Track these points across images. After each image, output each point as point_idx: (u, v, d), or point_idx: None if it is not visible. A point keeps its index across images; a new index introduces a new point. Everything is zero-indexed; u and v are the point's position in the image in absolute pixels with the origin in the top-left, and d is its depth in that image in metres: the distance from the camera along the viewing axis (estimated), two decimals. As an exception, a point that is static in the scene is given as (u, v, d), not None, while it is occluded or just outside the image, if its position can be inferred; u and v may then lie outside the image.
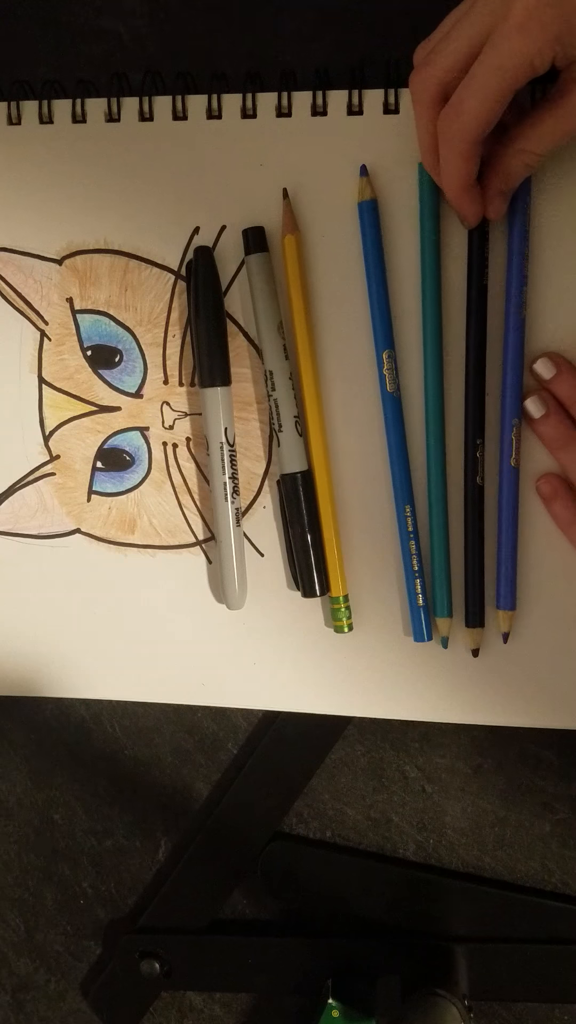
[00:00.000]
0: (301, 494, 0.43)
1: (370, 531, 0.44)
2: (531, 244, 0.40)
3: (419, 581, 0.42)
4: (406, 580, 0.43)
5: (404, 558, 0.42)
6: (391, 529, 0.43)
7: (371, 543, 0.44)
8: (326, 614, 0.45)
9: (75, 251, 0.44)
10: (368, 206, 0.41)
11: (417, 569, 0.42)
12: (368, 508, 0.44)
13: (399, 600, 0.44)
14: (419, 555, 0.42)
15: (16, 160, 0.44)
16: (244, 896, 0.49)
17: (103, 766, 0.50)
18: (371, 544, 0.44)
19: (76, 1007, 0.52)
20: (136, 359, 0.45)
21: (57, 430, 0.46)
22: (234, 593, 0.44)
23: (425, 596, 0.43)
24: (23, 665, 0.48)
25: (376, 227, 0.41)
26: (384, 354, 0.41)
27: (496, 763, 0.46)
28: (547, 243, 0.40)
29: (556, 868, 0.46)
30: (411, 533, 0.42)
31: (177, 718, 0.48)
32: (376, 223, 0.41)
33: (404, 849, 0.47)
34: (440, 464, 0.42)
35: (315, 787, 0.48)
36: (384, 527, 0.43)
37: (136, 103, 0.43)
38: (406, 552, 0.42)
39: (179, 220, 0.43)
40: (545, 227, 0.40)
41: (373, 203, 0.41)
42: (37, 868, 0.52)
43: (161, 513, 0.46)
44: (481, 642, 0.43)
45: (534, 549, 0.42)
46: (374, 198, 0.41)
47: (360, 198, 0.41)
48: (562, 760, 0.45)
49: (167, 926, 0.50)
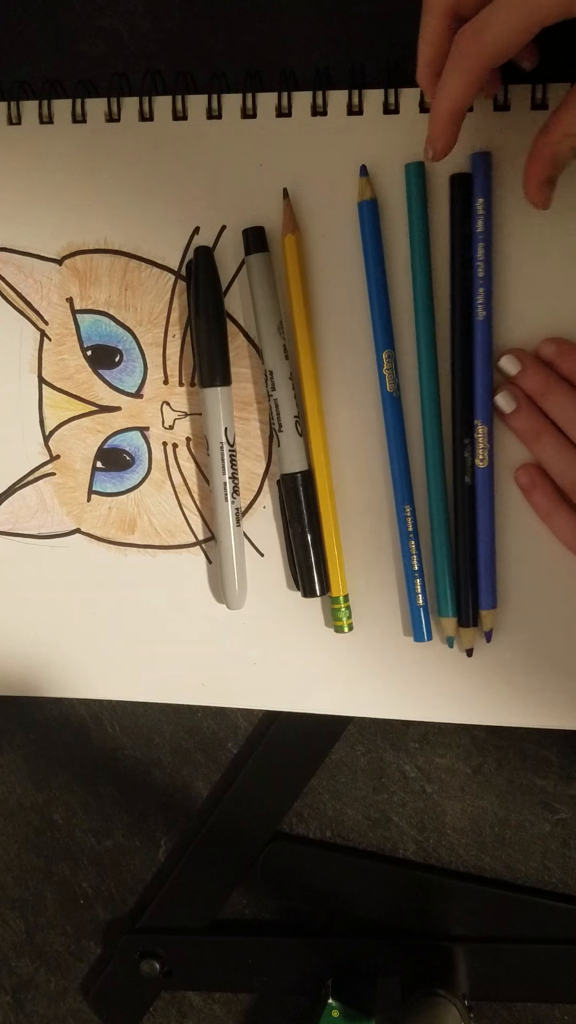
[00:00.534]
0: (301, 494, 0.43)
1: (370, 531, 0.44)
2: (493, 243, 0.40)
3: (419, 581, 0.42)
4: (406, 580, 0.43)
5: (404, 558, 0.43)
6: (391, 529, 0.43)
7: (371, 543, 0.44)
8: (326, 614, 0.45)
9: (75, 251, 0.44)
10: (368, 206, 0.41)
11: (417, 569, 0.42)
12: (368, 508, 0.44)
13: (399, 600, 0.44)
14: (419, 555, 0.42)
15: (16, 160, 0.44)
16: (244, 896, 0.49)
17: (103, 766, 0.50)
18: (371, 544, 0.44)
19: (76, 1007, 0.52)
20: (136, 359, 0.45)
21: (57, 430, 0.46)
22: (234, 593, 0.44)
23: (426, 596, 0.43)
24: (23, 665, 0.48)
25: (376, 227, 0.41)
26: (384, 354, 0.41)
27: (496, 763, 0.46)
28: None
29: (556, 868, 0.46)
30: (411, 533, 0.42)
31: (177, 718, 0.48)
32: (376, 223, 0.41)
33: (404, 849, 0.47)
34: (438, 463, 0.42)
35: (315, 787, 0.48)
36: (384, 527, 0.43)
37: (136, 103, 0.43)
38: (406, 552, 0.42)
39: (179, 220, 0.43)
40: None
41: (373, 203, 0.41)
42: (37, 868, 0.52)
43: (161, 513, 0.46)
44: (474, 641, 0.43)
45: (518, 548, 0.42)
46: (374, 198, 0.41)
47: (360, 198, 0.41)
48: (562, 760, 0.45)
49: (167, 926, 0.50)
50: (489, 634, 0.43)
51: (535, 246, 0.41)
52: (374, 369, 0.42)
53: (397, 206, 0.41)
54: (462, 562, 0.42)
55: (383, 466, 0.43)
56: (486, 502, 0.41)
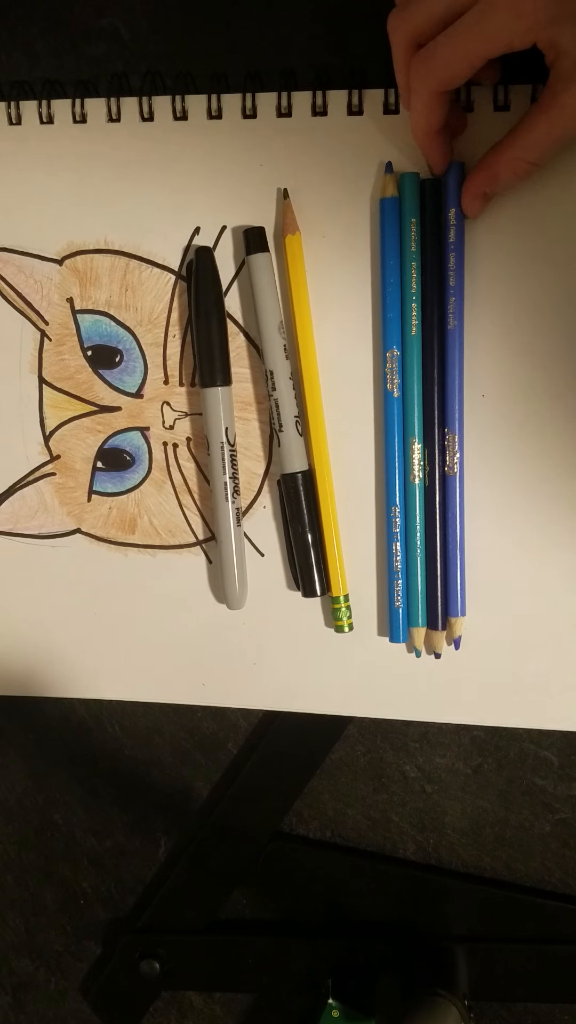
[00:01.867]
0: (302, 494, 0.43)
1: (370, 531, 0.44)
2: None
3: (400, 582, 0.42)
4: (388, 580, 0.43)
5: (388, 559, 0.42)
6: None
7: (371, 543, 0.44)
8: (326, 614, 0.45)
9: (75, 251, 0.44)
10: (391, 203, 0.40)
11: (400, 570, 0.42)
12: (367, 508, 0.44)
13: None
14: (402, 556, 0.42)
15: (16, 160, 0.44)
16: (244, 896, 0.49)
17: (103, 766, 0.50)
18: (371, 544, 0.44)
19: (76, 1007, 0.52)
20: (136, 359, 0.45)
21: (57, 430, 0.46)
22: (234, 593, 0.44)
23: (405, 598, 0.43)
24: (23, 665, 0.48)
25: (396, 225, 0.40)
26: (388, 353, 0.41)
27: (496, 763, 0.46)
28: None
29: (556, 868, 0.46)
30: (396, 534, 0.42)
31: (177, 718, 0.48)
32: (396, 222, 0.40)
33: (404, 849, 0.47)
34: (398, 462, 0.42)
35: (315, 787, 0.48)
36: (384, 527, 0.43)
37: (136, 103, 0.42)
38: (390, 553, 0.42)
39: (179, 220, 0.43)
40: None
41: (395, 200, 0.40)
42: (37, 868, 0.52)
43: (161, 513, 0.46)
44: (441, 645, 0.43)
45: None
46: (396, 195, 0.40)
47: (383, 194, 0.40)
48: (562, 760, 0.45)
49: (167, 926, 0.50)
50: (457, 642, 0.43)
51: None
52: (373, 369, 0.42)
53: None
54: (429, 566, 0.42)
55: (381, 466, 0.43)
56: (455, 508, 0.41)
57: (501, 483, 0.42)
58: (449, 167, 0.39)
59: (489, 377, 0.41)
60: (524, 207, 0.40)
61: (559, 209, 0.40)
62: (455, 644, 0.43)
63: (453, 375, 0.41)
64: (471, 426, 0.42)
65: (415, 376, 0.41)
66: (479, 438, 0.42)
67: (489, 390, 0.42)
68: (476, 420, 0.42)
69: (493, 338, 0.41)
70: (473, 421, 0.42)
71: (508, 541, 0.42)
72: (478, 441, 0.42)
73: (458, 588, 0.42)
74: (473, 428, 0.42)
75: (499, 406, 0.42)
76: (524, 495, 0.42)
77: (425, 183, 0.40)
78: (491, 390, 0.42)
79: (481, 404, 0.42)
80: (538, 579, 0.42)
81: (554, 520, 0.42)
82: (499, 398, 0.42)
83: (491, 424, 0.42)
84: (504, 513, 0.42)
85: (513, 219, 0.40)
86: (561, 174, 0.39)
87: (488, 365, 0.41)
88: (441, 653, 0.43)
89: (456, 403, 0.41)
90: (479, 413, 0.42)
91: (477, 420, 0.42)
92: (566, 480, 0.42)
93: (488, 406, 0.42)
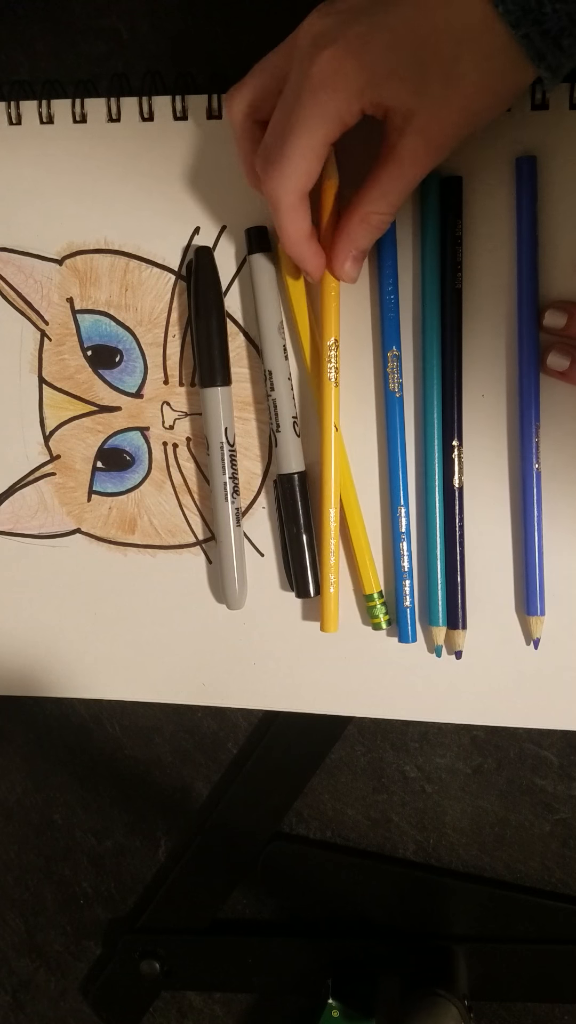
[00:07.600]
0: (298, 495, 0.43)
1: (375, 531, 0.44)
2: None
3: (408, 582, 0.42)
4: (396, 580, 0.43)
5: (395, 559, 0.42)
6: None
7: (373, 543, 0.44)
8: (362, 613, 0.44)
9: (75, 251, 0.44)
10: None
11: (407, 570, 0.42)
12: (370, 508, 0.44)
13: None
14: (409, 556, 0.42)
15: (16, 160, 0.44)
16: (244, 896, 0.49)
17: (103, 766, 0.50)
18: (373, 544, 0.44)
19: (76, 1007, 0.52)
20: (136, 359, 0.45)
21: (57, 430, 0.46)
22: (234, 593, 0.44)
23: (413, 598, 0.43)
24: (23, 665, 0.48)
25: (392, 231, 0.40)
26: (389, 353, 0.41)
27: (496, 763, 0.46)
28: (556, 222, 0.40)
29: (556, 868, 0.46)
30: (403, 534, 0.42)
31: (177, 718, 0.48)
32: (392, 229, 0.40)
33: (404, 849, 0.47)
34: (433, 465, 0.42)
35: (315, 787, 0.48)
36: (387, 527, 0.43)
37: (136, 103, 0.42)
38: (397, 552, 0.42)
39: (179, 220, 0.43)
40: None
41: None
42: (37, 868, 0.52)
43: (161, 513, 0.46)
44: (463, 645, 0.43)
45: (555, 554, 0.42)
46: None
47: None
48: (562, 760, 0.45)
49: (167, 926, 0.50)
50: (537, 641, 0.43)
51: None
52: (374, 369, 0.42)
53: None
54: (449, 566, 0.42)
55: (385, 466, 0.43)
56: (533, 506, 0.41)
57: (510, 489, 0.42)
58: (520, 162, 0.39)
59: (489, 377, 0.41)
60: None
61: (560, 208, 0.40)
62: (535, 644, 0.43)
63: (530, 363, 0.40)
64: (471, 426, 0.42)
65: (428, 376, 0.41)
66: (479, 439, 0.42)
67: (489, 390, 0.42)
68: (475, 421, 0.42)
69: (493, 338, 0.41)
70: (472, 421, 0.42)
71: (508, 542, 0.43)
72: (479, 441, 0.42)
73: (537, 587, 0.42)
74: (473, 428, 0.42)
75: (499, 406, 0.42)
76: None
77: (430, 183, 0.40)
78: (490, 390, 0.42)
79: (481, 404, 0.42)
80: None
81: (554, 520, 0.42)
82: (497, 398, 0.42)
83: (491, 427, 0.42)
84: (504, 513, 0.42)
85: (513, 218, 0.40)
86: (561, 173, 0.39)
87: (489, 365, 0.41)
88: (462, 651, 0.43)
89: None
90: (479, 413, 0.42)
91: (475, 421, 0.42)
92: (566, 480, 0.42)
93: (488, 406, 0.42)
